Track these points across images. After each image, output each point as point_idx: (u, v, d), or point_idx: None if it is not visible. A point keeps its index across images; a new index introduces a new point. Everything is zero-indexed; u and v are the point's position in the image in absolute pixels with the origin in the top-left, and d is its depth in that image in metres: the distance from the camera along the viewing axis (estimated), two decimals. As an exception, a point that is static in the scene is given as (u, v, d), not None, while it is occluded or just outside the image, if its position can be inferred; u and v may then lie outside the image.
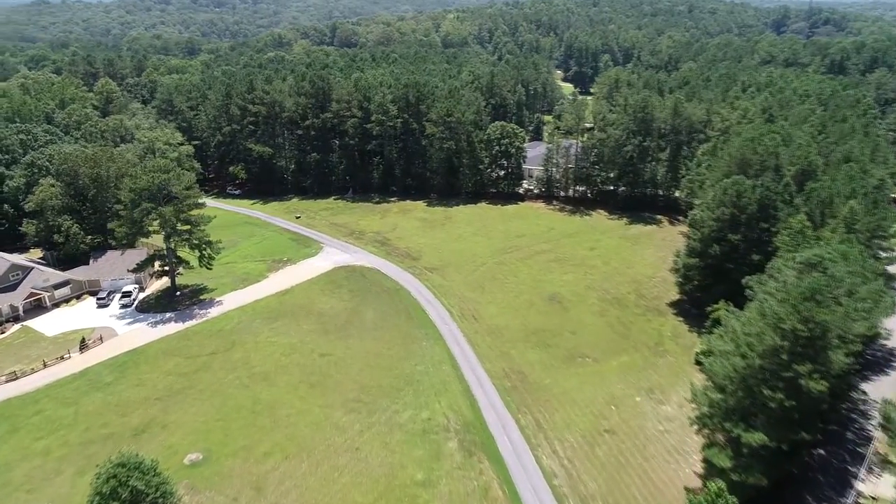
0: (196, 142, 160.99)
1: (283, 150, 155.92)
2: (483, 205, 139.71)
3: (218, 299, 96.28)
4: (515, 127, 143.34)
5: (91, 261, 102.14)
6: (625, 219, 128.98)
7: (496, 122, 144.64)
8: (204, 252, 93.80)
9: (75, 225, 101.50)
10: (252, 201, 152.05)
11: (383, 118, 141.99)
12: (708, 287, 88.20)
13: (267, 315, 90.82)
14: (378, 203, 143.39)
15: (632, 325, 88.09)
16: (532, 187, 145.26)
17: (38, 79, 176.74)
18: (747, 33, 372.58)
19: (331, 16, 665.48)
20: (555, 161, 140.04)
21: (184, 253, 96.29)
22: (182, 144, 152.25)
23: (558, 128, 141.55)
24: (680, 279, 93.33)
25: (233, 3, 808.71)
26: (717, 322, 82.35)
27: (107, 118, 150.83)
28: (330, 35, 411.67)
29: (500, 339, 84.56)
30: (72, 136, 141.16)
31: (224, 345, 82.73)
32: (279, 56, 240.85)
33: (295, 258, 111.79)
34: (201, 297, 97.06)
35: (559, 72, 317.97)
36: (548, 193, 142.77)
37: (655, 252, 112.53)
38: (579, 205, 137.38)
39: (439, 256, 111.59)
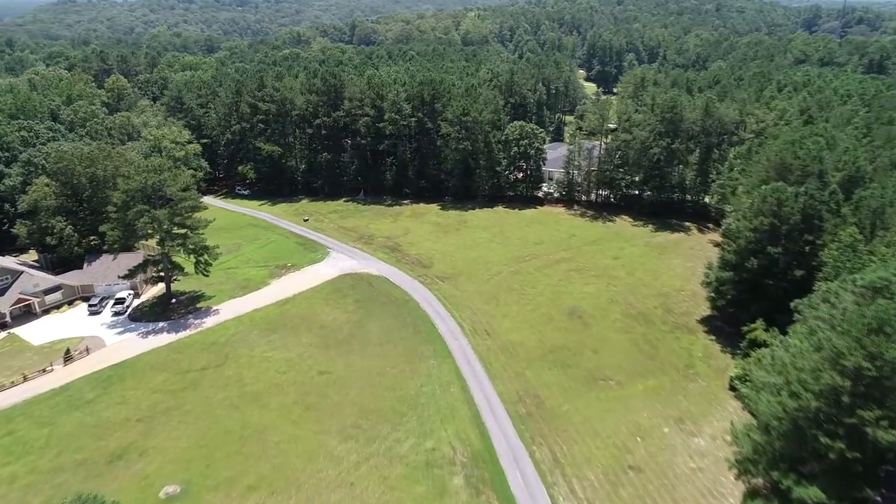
0: (205, 140, 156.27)
1: (294, 150, 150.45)
2: (500, 209, 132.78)
3: (215, 308, 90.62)
4: (535, 127, 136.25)
5: (85, 264, 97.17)
6: (650, 226, 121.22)
7: (515, 122, 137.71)
8: (200, 258, 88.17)
9: (69, 227, 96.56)
10: (260, 202, 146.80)
11: (396, 117, 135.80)
12: (743, 304, 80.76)
13: (265, 326, 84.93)
14: (390, 206, 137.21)
15: (659, 344, 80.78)
16: (552, 191, 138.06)
17: (47, 75, 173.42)
18: (777, 32, 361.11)
19: (352, 15, 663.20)
20: (576, 163, 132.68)
21: (180, 258, 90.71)
22: (190, 143, 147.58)
23: (580, 128, 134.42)
24: (712, 294, 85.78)
25: (255, 3, 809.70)
26: (753, 343, 74.91)
27: (113, 115, 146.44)
28: (349, 33, 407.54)
29: (514, 357, 77.75)
30: (77, 133, 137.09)
31: (216, 359, 76.92)
32: (294, 53, 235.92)
33: (299, 264, 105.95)
34: (198, 306, 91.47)
35: (582, 71, 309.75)
36: (568, 197, 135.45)
37: (684, 262, 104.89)
38: (602, 210, 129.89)
39: (452, 264, 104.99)
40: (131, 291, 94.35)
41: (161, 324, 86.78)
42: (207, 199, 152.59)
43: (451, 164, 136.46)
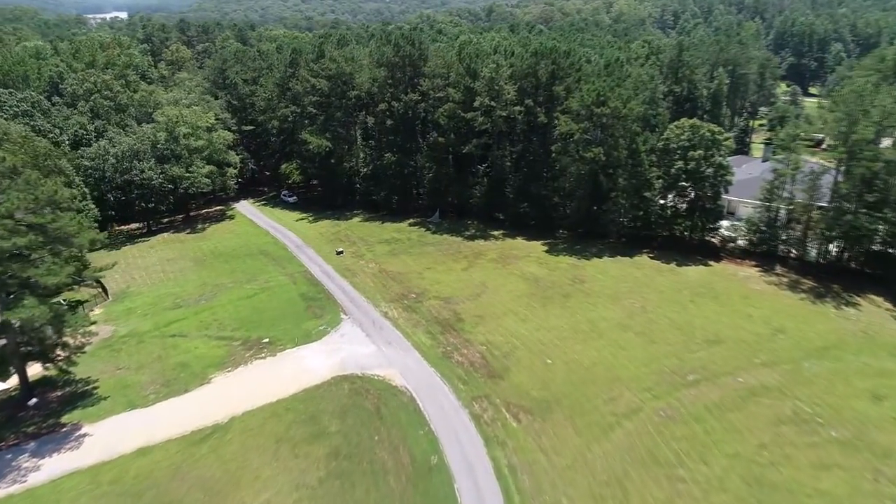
0: (250, 127, 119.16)
1: (354, 147, 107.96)
2: (644, 259, 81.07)
3: (85, 430, 49.08)
4: (717, 129, 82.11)
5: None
6: (933, 322, 64.48)
7: (682, 121, 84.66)
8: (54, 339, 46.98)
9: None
10: (301, 215, 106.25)
11: (492, 104, 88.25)
12: None
13: (125, 506, 41.85)
14: (471, 238, 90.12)
15: None
16: (736, 236, 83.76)
17: (78, 40, 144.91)
18: None
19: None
20: (786, 194, 77.86)
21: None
22: (229, 129, 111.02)
23: (798, 137, 78.89)
24: None
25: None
26: None
27: (134, 91, 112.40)
28: (486, 17, 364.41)
29: None
30: (77, 109, 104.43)
31: None
32: (397, 28, 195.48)
33: (283, 341, 62.27)
34: (62, 420, 50.53)
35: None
36: (765, 250, 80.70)
37: None
38: (831, 280, 73.81)
39: (544, 375, 56.07)
40: (-13, 371, 55.86)
41: (-31, 459, 46.80)
42: (242, 205, 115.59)
43: (571, 182, 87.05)
